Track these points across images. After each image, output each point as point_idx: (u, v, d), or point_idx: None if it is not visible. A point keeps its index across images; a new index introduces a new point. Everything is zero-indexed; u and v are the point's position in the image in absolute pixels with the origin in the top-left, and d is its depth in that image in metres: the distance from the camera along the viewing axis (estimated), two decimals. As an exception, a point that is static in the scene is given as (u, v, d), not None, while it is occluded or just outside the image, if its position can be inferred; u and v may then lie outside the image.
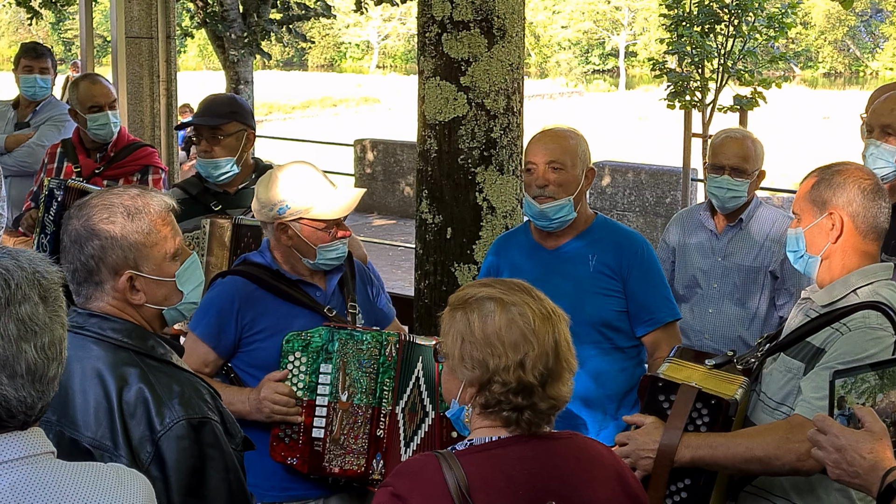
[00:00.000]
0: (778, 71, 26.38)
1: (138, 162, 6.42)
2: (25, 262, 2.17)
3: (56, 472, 2.16)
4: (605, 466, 2.81)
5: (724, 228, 5.41)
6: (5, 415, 2.11)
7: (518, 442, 2.72)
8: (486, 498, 2.62)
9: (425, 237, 5.88)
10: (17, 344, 2.11)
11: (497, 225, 5.76)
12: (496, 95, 5.72)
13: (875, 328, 3.33)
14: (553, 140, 4.50)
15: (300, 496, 4.22)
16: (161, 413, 2.77)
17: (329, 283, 4.31)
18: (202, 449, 2.80)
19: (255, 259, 4.30)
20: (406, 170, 18.80)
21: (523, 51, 5.93)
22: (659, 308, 4.50)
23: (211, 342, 4.18)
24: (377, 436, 4.13)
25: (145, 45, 9.50)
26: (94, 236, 2.92)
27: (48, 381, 2.16)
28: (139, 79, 9.46)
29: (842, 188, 3.48)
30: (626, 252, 4.50)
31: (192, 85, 34.17)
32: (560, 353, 2.71)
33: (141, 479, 2.31)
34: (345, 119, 46.15)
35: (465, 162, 5.73)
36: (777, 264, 5.32)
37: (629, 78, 70.20)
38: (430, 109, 5.79)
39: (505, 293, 2.76)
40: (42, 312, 2.15)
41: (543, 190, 4.42)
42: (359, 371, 4.11)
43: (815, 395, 3.33)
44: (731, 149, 5.34)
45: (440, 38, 5.70)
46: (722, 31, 15.21)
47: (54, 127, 7.42)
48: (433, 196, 5.82)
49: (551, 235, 4.55)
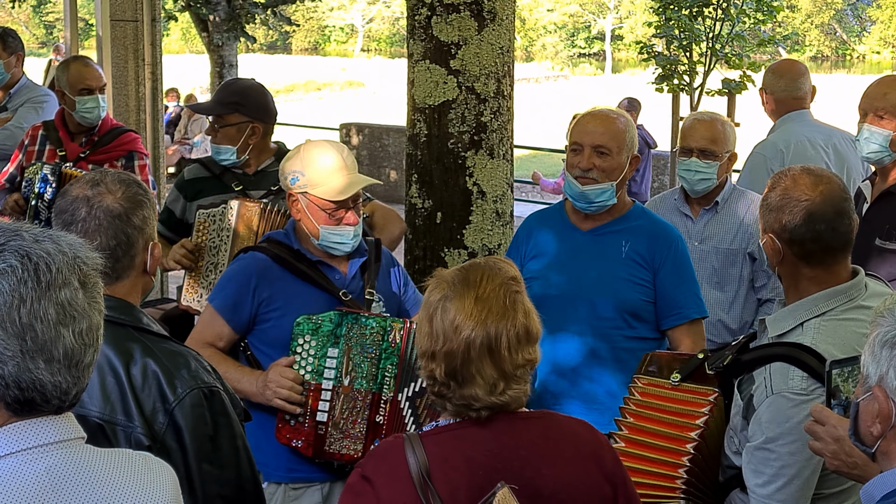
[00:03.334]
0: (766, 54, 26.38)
1: (123, 147, 6.40)
2: (66, 246, 2.17)
3: (89, 457, 2.18)
4: (578, 446, 2.79)
5: (700, 212, 5.39)
6: (40, 399, 2.11)
7: (481, 423, 2.72)
8: (443, 478, 2.63)
9: (415, 222, 5.87)
10: (55, 328, 2.10)
11: (487, 209, 5.76)
12: (486, 79, 5.72)
13: (797, 394, 3.15)
14: (602, 123, 4.45)
15: (306, 479, 4.23)
16: (172, 384, 2.83)
17: (350, 266, 4.32)
18: (214, 417, 2.88)
19: (279, 238, 4.33)
20: (391, 154, 18.78)
21: (514, 34, 5.93)
22: (687, 304, 4.48)
23: (226, 315, 4.21)
24: (376, 422, 4.14)
25: (130, 29, 9.43)
26: (138, 207, 3.01)
27: (84, 368, 2.17)
28: (124, 62, 9.40)
29: (775, 211, 3.28)
30: (660, 244, 4.48)
31: (176, 68, 34.05)
32: (471, 358, 2.66)
33: (167, 467, 2.33)
34: (329, 103, 46.04)
35: (455, 146, 5.72)
36: (755, 246, 5.29)
37: (615, 61, 70.16)
38: (419, 93, 5.79)
39: (457, 281, 2.75)
40: (81, 298, 2.15)
41: (587, 173, 4.40)
42: (361, 356, 4.13)
43: (759, 480, 3.24)
44: (698, 131, 5.33)
45: (430, 20, 5.69)
46: (710, 15, 15.20)
47: (33, 108, 7.36)
48: (423, 180, 5.81)
49: (588, 218, 4.52)
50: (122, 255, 2.99)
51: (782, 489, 3.19)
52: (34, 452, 2.10)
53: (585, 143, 4.42)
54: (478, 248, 5.76)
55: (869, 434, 2.31)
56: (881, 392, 2.26)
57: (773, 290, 5.33)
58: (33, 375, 2.08)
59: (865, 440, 2.33)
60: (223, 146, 5.26)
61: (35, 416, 2.13)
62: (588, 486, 2.75)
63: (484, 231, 5.77)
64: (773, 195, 3.30)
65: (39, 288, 2.09)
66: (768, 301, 5.35)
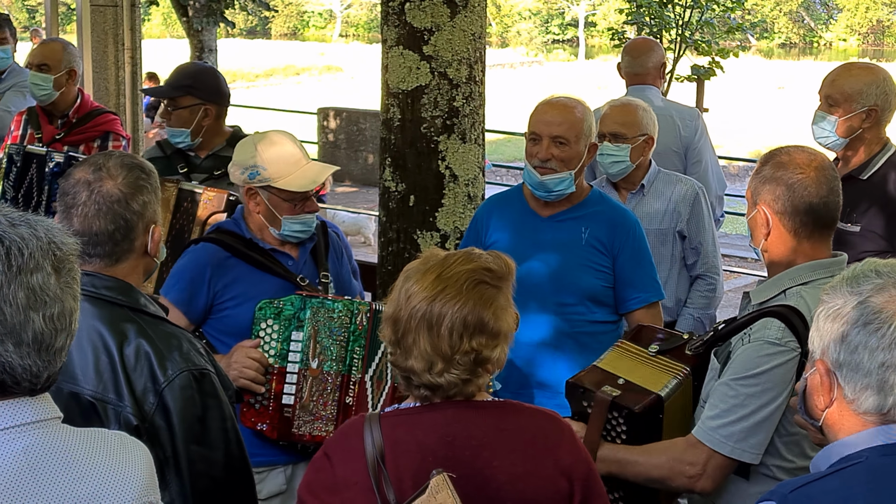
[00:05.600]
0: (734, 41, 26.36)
1: (99, 128, 6.37)
2: (42, 231, 2.16)
3: (65, 437, 2.18)
4: (535, 440, 2.73)
5: (628, 197, 5.41)
6: (10, 381, 2.11)
7: (436, 409, 2.71)
8: (395, 461, 2.64)
9: (388, 205, 5.87)
10: (24, 312, 2.10)
11: (459, 193, 5.76)
12: (459, 65, 5.71)
13: (772, 343, 3.17)
14: (561, 113, 4.45)
15: (269, 462, 4.22)
16: (163, 365, 2.85)
17: (301, 252, 4.33)
18: (203, 399, 2.90)
19: (229, 227, 4.32)
20: (368, 138, 18.74)
21: (485, 21, 5.92)
22: (646, 287, 4.53)
23: (182, 308, 4.19)
24: (346, 403, 4.14)
25: (110, 13, 9.40)
26: (138, 192, 3.03)
27: (56, 352, 2.16)
28: (104, 47, 9.37)
29: (770, 183, 3.30)
30: (619, 230, 4.50)
31: (156, 53, 33.88)
32: (411, 327, 2.67)
33: (142, 447, 2.33)
34: (308, 87, 45.95)
35: (428, 130, 5.72)
36: (684, 224, 5.38)
37: (588, 48, 70.16)
38: (393, 78, 5.78)
39: (434, 260, 2.76)
40: (54, 283, 2.14)
41: (546, 163, 4.41)
42: (329, 339, 4.13)
43: (710, 413, 3.26)
44: (610, 116, 5.37)
45: (403, 7, 5.68)
46: (680, 2, 15.23)
47: (19, 93, 7.32)
48: (396, 164, 5.81)
49: (548, 204, 4.54)
50: (121, 238, 2.99)
51: (728, 426, 3.21)
52: (11, 433, 2.10)
53: (544, 133, 4.43)
54: (450, 230, 5.77)
55: (815, 408, 2.33)
56: (822, 365, 2.28)
57: (703, 266, 5.43)
58: (2, 358, 2.08)
59: (812, 414, 2.35)
60: (177, 129, 5.26)
61: (8, 397, 2.12)
62: (540, 480, 2.70)
63: (456, 214, 5.77)
64: (768, 169, 3.33)
65: (10, 272, 2.08)
66: (700, 277, 5.45)
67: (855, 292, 2.25)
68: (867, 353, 2.19)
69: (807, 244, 3.30)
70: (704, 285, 5.46)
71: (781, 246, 3.33)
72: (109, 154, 3.13)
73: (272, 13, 37.05)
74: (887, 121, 4.69)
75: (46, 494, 2.09)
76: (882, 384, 2.18)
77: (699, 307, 5.46)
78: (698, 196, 5.37)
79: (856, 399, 2.22)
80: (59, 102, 6.33)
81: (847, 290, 2.27)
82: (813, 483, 2.19)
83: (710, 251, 5.42)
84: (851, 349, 2.22)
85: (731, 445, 3.21)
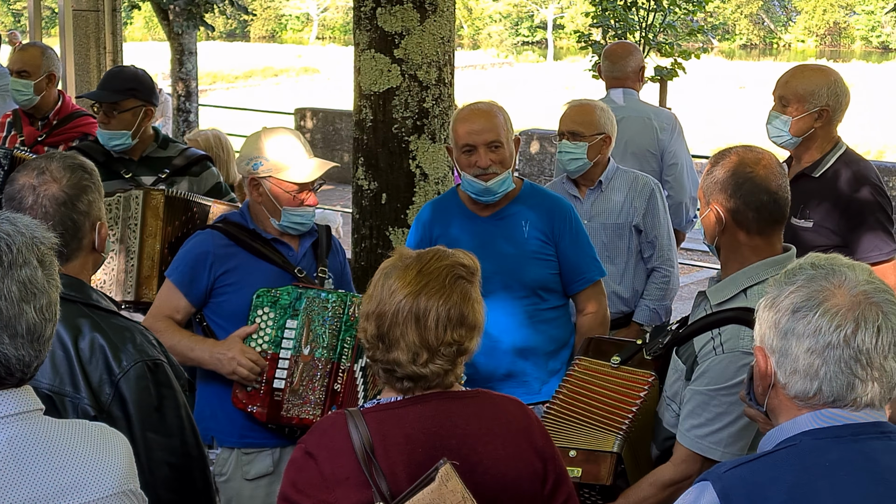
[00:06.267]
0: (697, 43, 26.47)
1: (78, 130, 6.34)
2: (24, 227, 2.20)
3: (48, 428, 2.20)
4: (510, 423, 2.80)
5: (587, 192, 5.45)
6: (4, 373, 2.14)
7: (419, 402, 2.73)
8: (385, 455, 2.64)
9: (361, 202, 5.89)
10: (18, 305, 2.13)
11: (430, 191, 5.78)
12: (428, 67, 5.73)
13: (747, 353, 3.14)
14: (486, 120, 4.48)
15: (258, 444, 4.27)
16: (118, 357, 2.86)
17: (301, 244, 4.38)
18: (158, 388, 2.90)
19: (235, 218, 4.38)
20: (344, 137, 18.72)
21: (454, 24, 5.94)
22: (588, 268, 4.60)
23: (183, 289, 4.25)
24: (335, 389, 4.19)
25: (92, 18, 9.39)
26: (82, 193, 3.03)
27: (44, 341, 2.20)
28: (86, 50, 9.36)
29: (720, 182, 3.31)
30: (556, 217, 4.55)
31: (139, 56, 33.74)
32: (397, 322, 2.69)
33: (121, 437, 2.35)
34: (285, 88, 45.86)
35: (399, 131, 5.74)
36: (640, 219, 5.42)
37: (557, 49, 70.17)
38: (365, 80, 5.79)
39: (412, 257, 2.78)
40: (41, 276, 2.18)
41: (487, 170, 4.44)
42: (322, 327, 4.19)
43: (695, 421, 3.29)
44: (568, 115, 5.43)
45: (375, 12, 5.69)
46: (644, 5, 15.29)
47: (2, 95, 7.29)
48: (369, 163, 5.83)
49: (486, 205, 4.58)
50: (70, 238, 2.99)
51: (716, 433, 3.25)
52: None
53: (478, 142, 4.46)
54: (421, 227, 5.79)
55: (758, 393, 2.36)
56: (761, 352, 2.32)
57: (658, 259, 5.47)
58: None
59: (758, 399, 2.38)
60: (118, 131, 5.23)
61: None
62: (520, 462, 2.76)
63: (427, 211, 5.80)
64: (718, 169, 3.34)
65: (2, 267, 2.12)
66: (655, 270, 5.49)
67: (790, 283, 2.29)
68: (795, 339, 2.23)
69: (758, 240, 3.32)
70: (660, 277, 5.50)
71: (734, 242, 3.34)
72: (51, 156, 3.12)
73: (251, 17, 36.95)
74: (838, 121, 4.72)
75: (30, 483, 2.10)
76: (808, 368, 2.22)
77: (655, 298, 5.50)
78: (654, 192, 5.41)
79: (787, 384, 2.26)
80: (41, 105, 6.30)
81: (784, 281, 2.31)
82: (746, 464, 2.23)
83: (665, 245, 5.47)
84: (782, 335, 2.26)
85: (721, 451, 3.24)
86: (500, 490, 2.70)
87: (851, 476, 2.16)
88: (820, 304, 2.22)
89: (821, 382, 2.21)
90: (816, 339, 2.20)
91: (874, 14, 71.58)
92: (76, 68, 9.31)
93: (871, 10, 71.70)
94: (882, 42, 73.87)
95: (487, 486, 2.67)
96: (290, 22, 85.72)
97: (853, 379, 2.20)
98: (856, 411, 2.22)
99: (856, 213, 4.59)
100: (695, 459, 3.30)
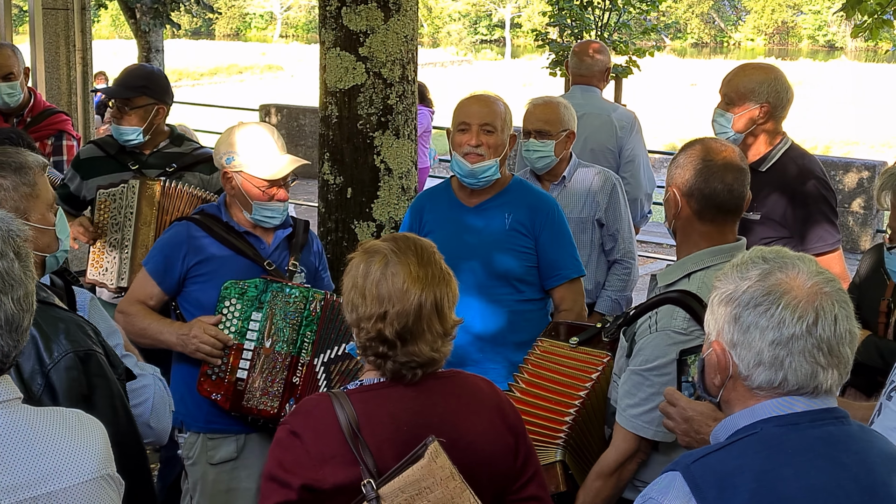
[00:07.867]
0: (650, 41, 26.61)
1: (53, 127, 6.32)
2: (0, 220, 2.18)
3: (27, 416, 2.19)
4: (484, 401, 2.85)
5: (551, 188, 5.46)
6: None
7: (403, 381, 2.76)
8: (371, 433, 2.66)
9: (327, 197, 5.90)
10: None
11: (394, 185, 5.80)
12: (392, 65, 5.75)
13: (678, 332, 3.22)
14: (486, 104, 4.54)
15: (223, 430, 4.30)
16: (49, 348, 2.82)
17: (275, 238, 4.40)
18: (89, 378, 2.86)
19: (211, 210, 4.40)
20: (308, 133, 18.68)
21: (417, 23, 5.95)
22: (567, 265, 4.60)
23: (157, 278, 4.29)
24: (293, 382, 4.21)
25: (61, 16, 9.32)
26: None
27: (22, 332, 2.19)
28: (56, 48, 9.29)
29: (681, 168, 3.37)
30: (539, 213, 4.57)
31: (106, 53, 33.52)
32: (422, 315, 2.71)
33: (97, 423, 2.34)
34: (250, 85, 45.62)
35: (364, 127, 5.75)
36: (602, 212, 5.45)
37: (514, 47, 70.25)
38: (330, 78, 5.80)
39: (394, 251, 2.77)
40: (18, 268, 2.17)
41: (476, 148, 4.46)
42: (283, 321, 4.20)
43: (630, 401, 3.33)
44: (534, 114, 5.44)
45: (340, 11, 5.70)
46: (599, 5, 15.34)
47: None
48: (334, 158, 5.84)
49: (473, 193, 4.60)
50: None
51: (648, 413, 3.28)
52: None
53: (473, 122, 4.50)
54: (385, 220, 5.81)
55: (713, 385, 2.38)
56: (718, 346, 2.33)
57: (620, 251, 5.51)
58: None
59: (710, 391, 2.40)
60: (130, 127, 5.24)
61: None
62: (495, 437, 2.81)
63: (391, 205, 5.82)
64: (682, 155, 3.40)
65: None
66: (617, 262, 5.53)
67: (744, 277, 2.30)
68: (758, 332, 2.24)
69: (711, 227, 3.35)
70: (621, 269, 5.54)
71: (688, 227, 3.38)
72: None
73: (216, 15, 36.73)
74: (782, 117, 4.76)
75: (11, 471, 2.10)
76: (773, 360, 2.23)
77: (616, 289, 5.54)
78: (615, 187, 5.45)
79: (749, 375, 2.27)
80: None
81: (737, 275, 2.32)
82: (712, 454, 2.24)
83: (626, 237, 5.50)
84: (744, 329, 2.26)
85: (653, 429, 3.28)
86: (478, 465, 2.74)
87: (813, 462, 2.19)
88: (781, 296, 2.24)
89: (785, 372, 2.23)
90: (780, 331, 2.22)
91: (821, 14, 72.17)
92: (46, 65, 9.25)
93: (818, 10, 72.28)
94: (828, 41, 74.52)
95: (467, 461, 2.70)
96: (254, 20, 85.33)
97: (816, 367, 2.22)
98: (815, 398, 2.25)
99: (801, 206, 4.64)
100: (633, 438, 3.33)
